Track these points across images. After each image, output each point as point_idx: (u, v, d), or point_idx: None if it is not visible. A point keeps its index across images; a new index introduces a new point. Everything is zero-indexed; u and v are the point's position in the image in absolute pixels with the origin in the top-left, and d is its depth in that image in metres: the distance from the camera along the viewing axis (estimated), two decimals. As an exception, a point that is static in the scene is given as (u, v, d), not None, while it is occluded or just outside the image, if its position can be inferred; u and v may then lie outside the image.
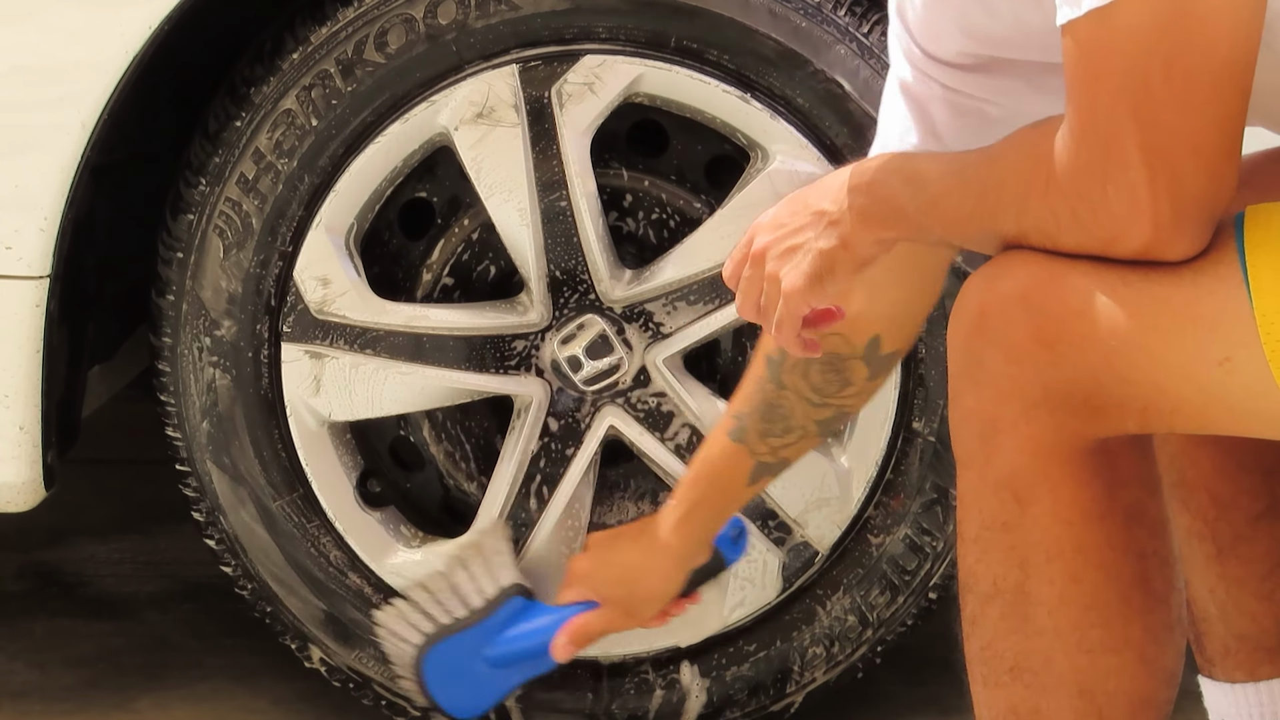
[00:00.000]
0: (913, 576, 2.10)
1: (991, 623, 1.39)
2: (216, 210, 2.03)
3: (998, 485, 1.36)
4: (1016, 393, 1.34)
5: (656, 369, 2.05)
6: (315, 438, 2.07)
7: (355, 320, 2.03)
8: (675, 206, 2.11)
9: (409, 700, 2.13)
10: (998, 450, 1.36)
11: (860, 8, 2.00)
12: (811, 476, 2.06)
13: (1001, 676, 1.40)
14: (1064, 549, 1.35)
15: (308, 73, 1.99)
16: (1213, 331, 1.29)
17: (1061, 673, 1.37)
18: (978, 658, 1.41)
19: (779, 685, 2.14)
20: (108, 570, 2.72)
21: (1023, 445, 1.35)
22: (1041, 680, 1.38)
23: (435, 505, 2.19)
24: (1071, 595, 1.36)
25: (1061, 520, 1.35)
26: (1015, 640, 1.38)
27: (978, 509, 1.38)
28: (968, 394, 1.37)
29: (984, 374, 1.35)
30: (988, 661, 1.40)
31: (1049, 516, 1.35)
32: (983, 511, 1.38)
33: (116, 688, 2.34)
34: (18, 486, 2.04)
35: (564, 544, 2.08)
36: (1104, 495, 1.36)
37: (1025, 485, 1.36)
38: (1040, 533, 1.36)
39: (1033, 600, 1.37)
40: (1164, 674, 1.39)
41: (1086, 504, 1.35)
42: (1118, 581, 1.36)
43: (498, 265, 2.12)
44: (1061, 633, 1.37)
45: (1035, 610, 1.37)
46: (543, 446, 2.07)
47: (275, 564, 2.10)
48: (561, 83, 1.98)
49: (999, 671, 1.40)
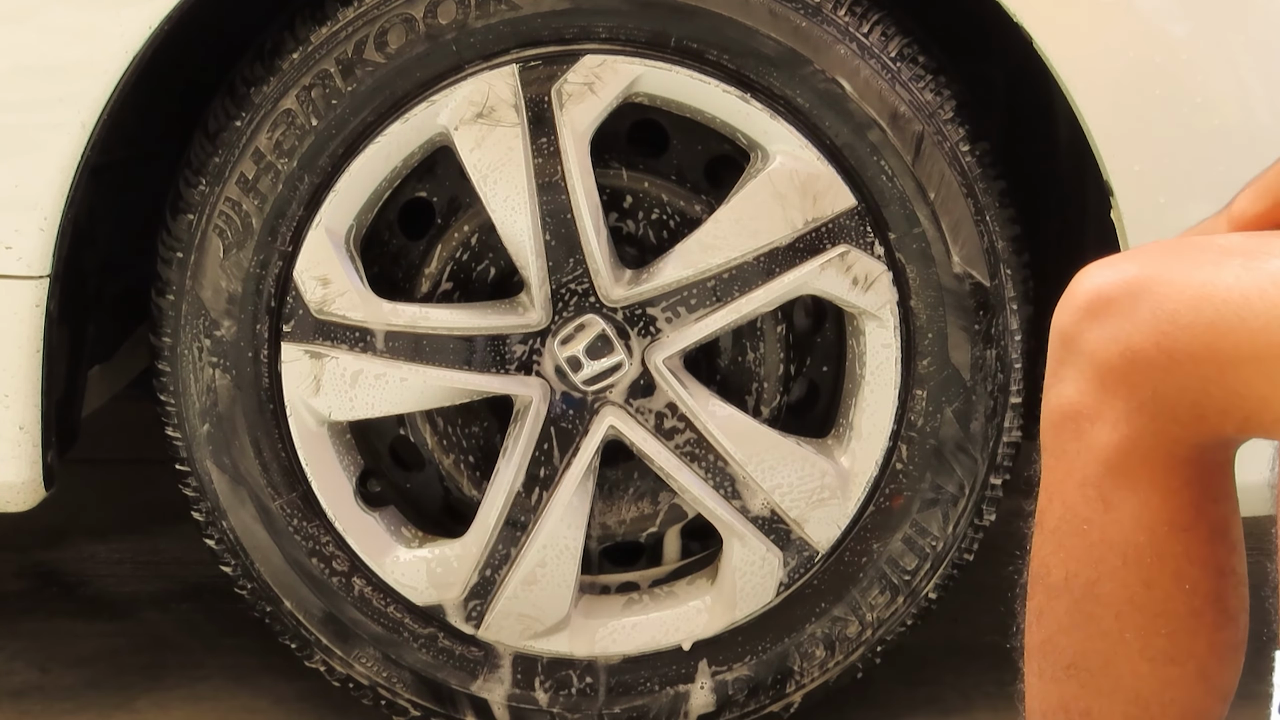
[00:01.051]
0: (912, 577, 2.11)
1: (1057, 617, 1.38)
2: (216, 210, 2.03)
3: (1085, 482, 1.34)
4: (1125, 391, 1.32)
5: (657, 369, 2.05)
6: (315, 438, 2.07)
7: (355, 320, 2.03)
8: (675, 206, 2.11)
9: (409, 700, 2.13)
10: (1091, 446, 1.34)
11: (860, 8, 2.00)
12: (811, 476, 2.06)
13: (1059, 672, 1.38)
14: (1143, 555, 1.34)
15: (308, 73, 1.99)
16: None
17: (1120, 676, 1.36)
18: (1038, 650, 1.40)
19: (779, 685, 2.14)
20: (108, 570, 2.72)
21: (1119, 444, 1.33)
22: (1098, 681, 1.37)
23: (435, 505, 2.19)
24: (1142, 601, 1.35)
25: (1145, 526, 1.33)
26: (1078, 638, 1.37)
27: (1061, 502, 1.36)
28: (1070, 384, 1.34)
29: (1092, 367, 1.33)
30: (1047, 655, 1.39)
31: (1133, 520, 1.33)
32: (1066, 505, 1.36)
33: (116, 688, 2.34)
34: (18, 486, 2.04)
35: (563, 546, 2.08)
36: (1191, 507, 1.34)
37: (1113, 486, 1.34)
38: (1121, 535, 1.34)
39: (1102, 601, 1.35)
40: (1221, 692, 1.38)
41: (1173, 513, 1.34)
42: (1192, 595, 1.35)
43: (498, 265, 2.12)
44: (1126, 637, 1.35)
45: (1103, 611, 1.35)
46: (542, 446, 2.07)
47: (275, 564, 2.10)
48: (561, 83, 1.98)
49: (1057, 667, 1.38)
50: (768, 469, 2.06)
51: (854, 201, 2.01)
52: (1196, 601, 1.35)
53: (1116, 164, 1.95)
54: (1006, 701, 2.34)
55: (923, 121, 2.00)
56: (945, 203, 2.01)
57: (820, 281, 2.02)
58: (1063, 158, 2.15)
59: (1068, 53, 1.94)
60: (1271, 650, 1.70)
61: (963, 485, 2.08)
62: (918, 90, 2.00)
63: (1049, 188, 2.21)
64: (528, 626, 2.11)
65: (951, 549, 2.10)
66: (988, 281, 2.04)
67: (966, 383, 2.06)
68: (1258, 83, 1.96)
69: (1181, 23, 1.96)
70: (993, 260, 2.03)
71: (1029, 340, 2.07)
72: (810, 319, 2.16)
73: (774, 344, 2.13)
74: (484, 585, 2.09)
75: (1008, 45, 2.00)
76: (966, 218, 2.02)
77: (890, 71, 1.99)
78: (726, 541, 2.09)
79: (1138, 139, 1.95)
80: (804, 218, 2.01)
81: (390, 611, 2.11)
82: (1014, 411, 2.07)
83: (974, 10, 1.98)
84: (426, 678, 2.14)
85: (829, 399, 2.15)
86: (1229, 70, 1.96)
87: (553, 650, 2.12)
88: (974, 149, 2.02)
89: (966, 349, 2.05)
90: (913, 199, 2.01)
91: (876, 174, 2.00)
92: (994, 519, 2.11)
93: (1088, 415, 1.33)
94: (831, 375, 2.14)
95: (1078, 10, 1.95)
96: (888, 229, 2.01)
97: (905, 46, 2.00)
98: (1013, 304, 2.05)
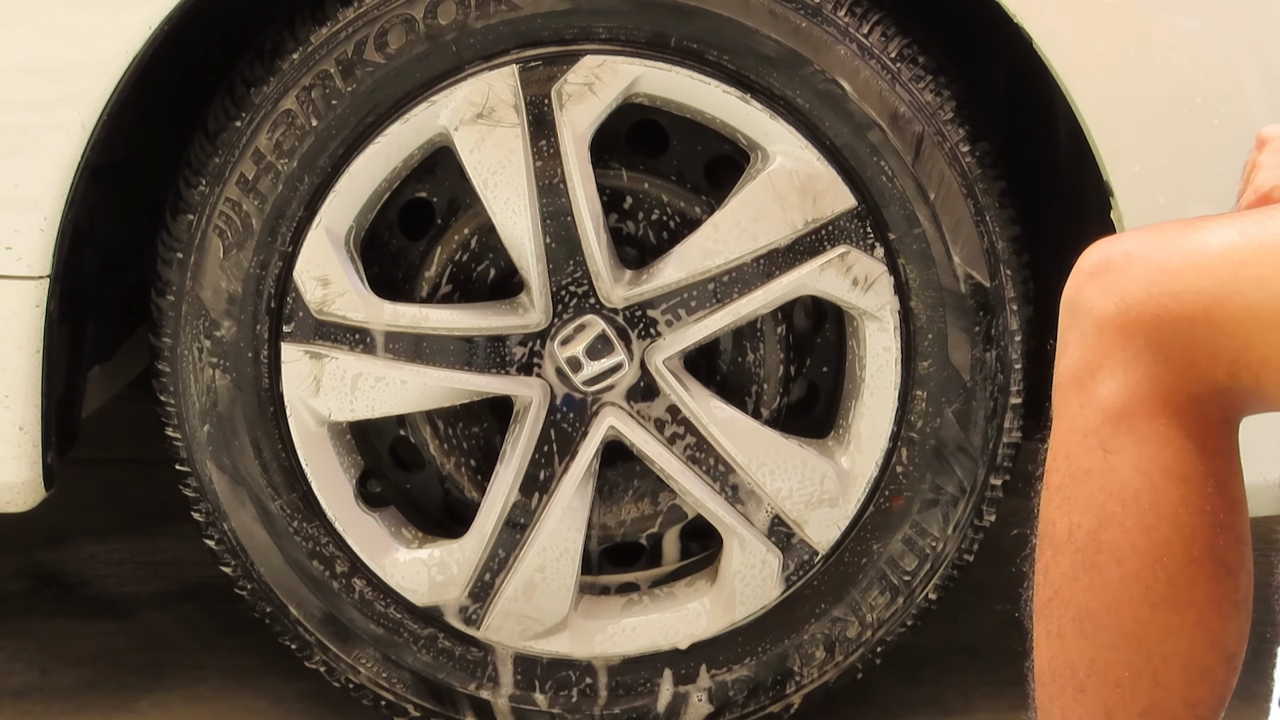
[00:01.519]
0: (912, 577, 2.10)
1: (1061, 570, 1.41)
2: (216, 210, 2.03)
3: (1086, 433, 1.39)
4: (1121, 340, 1.37)
5: (657, 370, 2.05)
6: (315, 438, 2.07)
7: (355, 320, 2.03)
8: (675, 207, 2.11)
9: (409, 701, 2.13)
10: (1092, 398, 1.39)
11: (860, 8, 1.99)
12: (811, 477, 2.06)
13: (1065, 627, 1.41)
14: (1140, 500, 1.38)
15: (308, 73, 1.99)
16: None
17: (1122, 624, 1.39)
18: (1044, 609, 1.43)
19: (778, 686, 2.14)
20: (108, 570, 2.72)
21: (1117, 392, 1.38)
22: (1102, 632, 1.40)
23: (435, 506, 2.19)
24: (1141, 546, 1.38)
25: (1142, 472, 1.38)
26: (1082, 588, 1.40)
27: (1065, 457, 1.41)
28: (1074, 345, 1.40)
29: (1091, 323, 1.39)
30: (1053, 611, 1.42)
31: (1130, 467, 1.38)
32: (1069, 459, 1.40)
33: (116, 688, 2.34)
34: (18, 487, 2.04)
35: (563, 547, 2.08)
36: (1187, 456, 1.38)
37: (1112, 434, 1.38)
38: (1119, 482, 1.38)
39: (1104, 549, 1.38)
40: (1223, 649, 1.40)
41: (1169, 461, 1.38)
42: (1190, 544, 1.38)
43: (497, 266, 2.12)
44: (1127, 581, 1.38)
45: (1104, 559, 1.39)
46: (542, 447, 2.07)
47: (275, 565, 2.10)
48: (561, 83, 1.98)
49: (1063, 622, 1.41)
50: (768, 470, 2.06)
51: (854, 202, 2.01)
52: (1195, 550, 1.38)
53: (1116, 164, 1.95)
54: (1006, 702, 2.35)
55: (923, 122, 2.00)
56: (945, 203, 2.01)
57: (820, 282, 2.02)
58: (1063, 158, 2.15)
59: (1068, 53, 1.94)
60: (1274, 648, 1.71)
61: (963, 486, 2.08)
62: (918, 91, 2.00)
63: (1049, 188, 2.21)
64: (528, 627, 2.11)
65: (951, 550, 2.10)
66: (988, 282, 2.04)
67: (966, 383, 2.06)
68: (1258, 83, 1.96)
69: (1181, 23, 1.96)
70: (993, 261, 2.03)
71: (1029, 341, 2.07)
72: (810, 320, 2.16)
73: (774, 345, 2.13)
74: (484, 586, 2.09)
75: (1008, 45, 2.00)
76: (966, 218, 2.02)
77: (890, 72, 1.99)
78: (726, 542, 2.09)
79: (1138, 139, 1.95)
80: (804, 218, 2.01)
81: (390, 612, 2.11)
82: (1014, 412, 2.07)
83: (974, 10, 1.98)
84: (426, 678, 2.14)
85: (829, 400, 2.15)
86: (1229, 70, 1.96)
87: (553, 651, 2.12)
88: (974, 149, 2.02)
89: (966, 350, 2.05)
90: (913, 199, 2.01)
91: (876, 174, 2.00)
92: (994, 520, 2.11)
93: (1090, 369, 1.39)
94: (831, 376, 2.14)
95: (1078, 10, 1.95)
96: (888, 229, 2.01)
97: (905, 47, 2.00)
98: (1013, 304, 2.05)
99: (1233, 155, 1.95)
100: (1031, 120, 2.22)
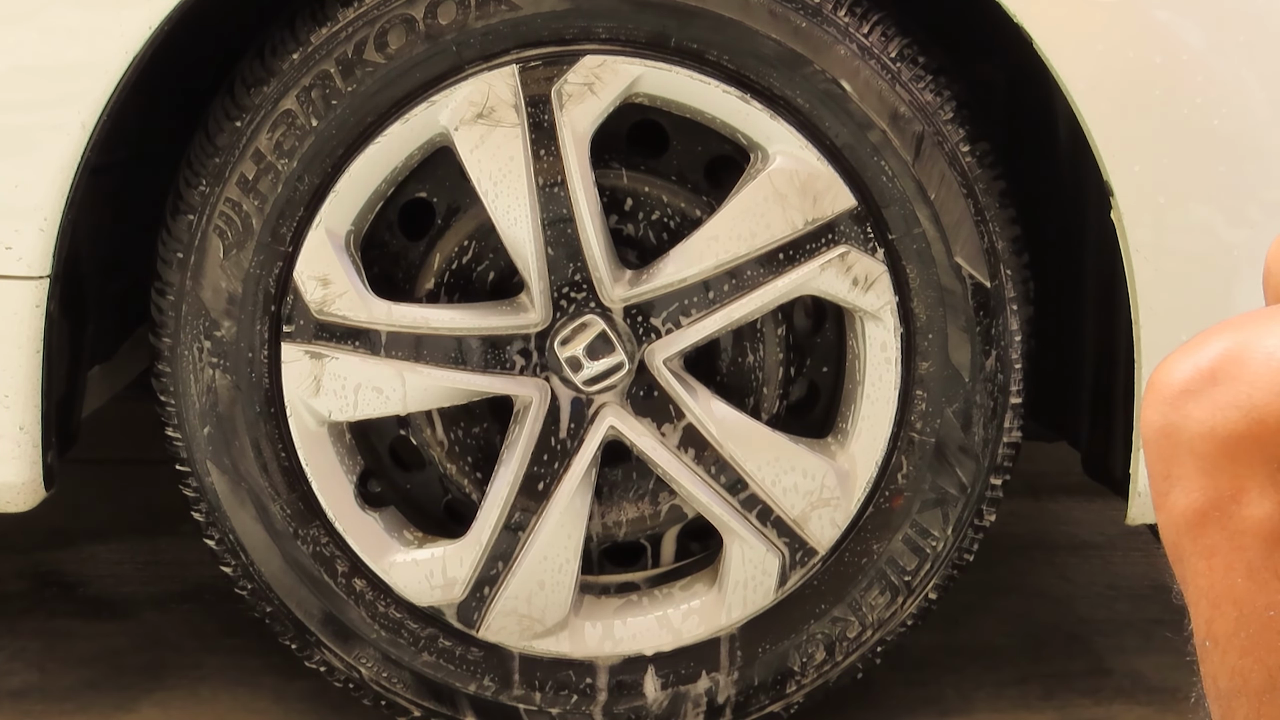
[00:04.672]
0: (913, 577, 2.11)
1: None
2: (216, 210, 2.03)
3: (1252, 568, 1.25)
4: (1261, 456, 1.24)
5: (657, 370, 2.05)
6: (315, 438, 2.07)
7: (355, 321, 2.03)
8: (675, 207, 2.11)
9: (409, 700, 2.13)
10: (1244, 528, 1.24)
11: (860, 8, 2.00)
12: (811, 477, 2.07)
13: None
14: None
15: (308, 73, 1.99)
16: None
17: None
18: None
19: (779, 685, 2.14)
20: (108, 570, 2.72)
21: (1275, 512, 1.24)
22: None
23: (436, 506, 2.19)
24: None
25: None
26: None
27: (1232, 601, 1.25)
28: (1188, 479, 1.26)
29: (1212, 446, 1.24)
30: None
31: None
32: (1239, 602, 1.25)
33: (116, 688, 2.34)
34: (18, 487, 2.04)
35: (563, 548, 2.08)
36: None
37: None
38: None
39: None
40: None
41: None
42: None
43: (497, 266, 2.12)
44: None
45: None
46: (543, 447, 2.07)
47: (275, 565, 2.10)
48: (562, 83, 1.98)
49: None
50: (767, 470, 2.06)
51: (854, 202, 2.01)
52: None
53: (1116, 164, 1.95)
54: (1006, 702, 2.35)
55: (923, 122, 2.00)
56: (945, 203, 2.01)
57: (820, 282, 2.03)
58: (1063, 158, 2.15)
59: (1068, 53, 1.94)
60: None
61: (963, 486, 2.08)
62: (918, 91, 2.00)
63: (1049, 188, 2.21)
64: (528, 627, 2.11)
65: (951, 549, 2.10)
66: (988, 282, 2.04)
67: (966, 383, 2.06)
68: (1258, 83, 1.96)
69: (1182, 23, 1.96)
70: (993, 261, 2.03)
71: (1029, 341, 2.07)
72: (810, 320, 2.16)
73: (774, 344, 2.14)
74: (484, 586, 2.09)
75: (1008, 45, 2.00)
76: (966, 218, 2.02)
77: (890, 72, 1.99)
78: (726, 542, 2.10)
79: (1138, 139, 1.95)
80: (804, 218, 2.01)
81: (390, 612, 2.12)
82: (1014, 412, 2.07)
83: (974, 11, 1.98)
84: (427, 678, 2.14)
85: (829, 399, 2.15)
86: (1229, 70, 1.96)
87: (553, 651, 2.12)
88: (974, 149, 2.02)
89: (966, 349, 2.05)
90: (913, 199, 2.01)
91: (876, 174, 2.00)
92: (994, 519, 2.12)
93: (1226, 499, 1.25)
94: (831, 376, 2.14)
95: (1078, 10, 1.95)
96: (888, 229, 2.01)
97: (905, 47, 2.00)
98: (1013, 304, 2.05)
99: (1232, 155, 1.95)
100: (1031, 120, 2.22)
